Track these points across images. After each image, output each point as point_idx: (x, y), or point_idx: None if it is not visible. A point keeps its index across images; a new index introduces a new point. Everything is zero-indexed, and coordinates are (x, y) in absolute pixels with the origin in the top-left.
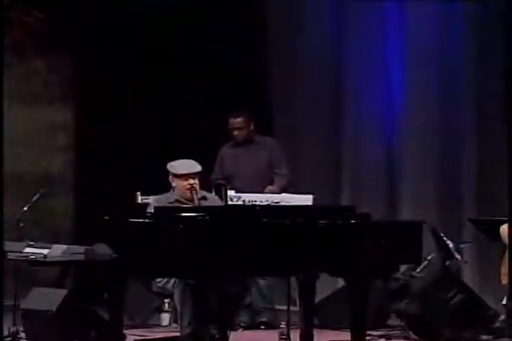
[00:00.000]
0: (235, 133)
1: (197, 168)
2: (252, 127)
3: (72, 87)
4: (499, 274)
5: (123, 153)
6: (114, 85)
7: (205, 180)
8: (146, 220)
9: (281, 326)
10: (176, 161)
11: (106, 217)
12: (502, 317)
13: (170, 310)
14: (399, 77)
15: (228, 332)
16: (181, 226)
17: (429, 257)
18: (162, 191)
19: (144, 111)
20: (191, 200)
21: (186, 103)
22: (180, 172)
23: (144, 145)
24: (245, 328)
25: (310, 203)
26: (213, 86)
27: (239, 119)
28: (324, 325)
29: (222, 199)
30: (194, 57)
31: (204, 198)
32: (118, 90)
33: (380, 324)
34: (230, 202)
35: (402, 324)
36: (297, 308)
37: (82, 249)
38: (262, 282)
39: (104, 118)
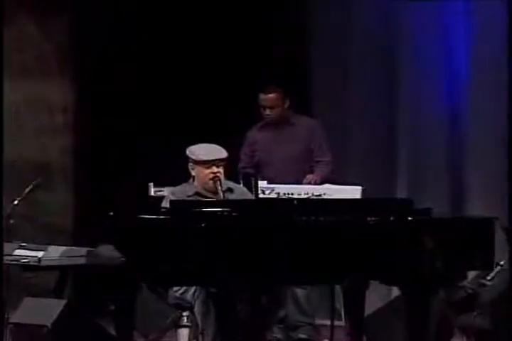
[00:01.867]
0: (266, 112)
1: (222, 153)
2: (286, 105)
3: (71, 58)
4: None
5: (132, 138)
6: (121, 56)
7: (230, 168)
8: (161, 217)
9: None
10: (197, 145)
11: (111, 213)
12: None
13: (189, 324)
14: (464, 60)
15: None
16: (203, 224)
17: (501, 262)
18: (179, 182)
19: (157, 86)
20: (214, 193)
21: (210, 75)
22: (202, 158)
23: (157, 127)
24: None
25: (358, 196)
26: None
27: (271, 95)
28: None
29: (251, 192)
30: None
31: (230, 190)
32: (125, 62)
33: None
34: (261, 195)
35: None
36: (342, 323)
37: (83, 251)
38: (299, 291)
39: (109, 95)
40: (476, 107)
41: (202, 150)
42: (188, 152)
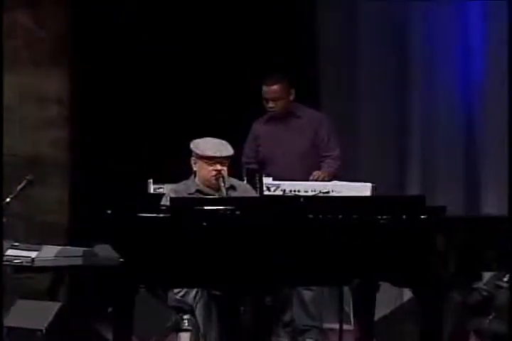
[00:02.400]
0: (270, 104)
1: (228, 151)
2: (292, 97)
3: (65, 46)
4: None
5: (131, 131)
6: (119, 46)
7: (233, 165)
8: (161, 215)
9: None
10: (203, 139)
11: (109, 211)
12: None
13: (190, 328)
14: (482, 60)
15: None
16: (205, 223)
17: None
18: (180, 179)
19: (157, 79)
20: (217, 190)
21: (212, 67)
22: (207, 153)
23: (157, 120)
24: None
25: (368, 194)
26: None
27: (275, 87)
28: None
29: (256, 189)
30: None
31: (233, 188)
32: (123, 53)
33: None
34: (266, 193)
35: None
36: (351, 327)
37: (79, 251)
38: (306, 293)
39: (106, 86)
40: (493, 105)
41: (208, 146)
42: (192, 145)
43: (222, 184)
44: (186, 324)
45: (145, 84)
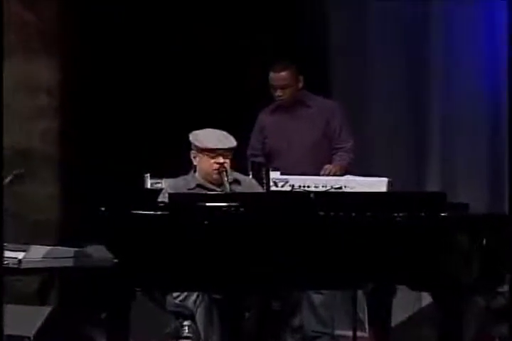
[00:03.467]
0: (277, 93)
1: (231, 142)
2: (300, 84)
3: (56, 36)
4: None
5: (126, 123)
6: (112, 34)
7: (237, 159)
8: (158, 212)
9: None
10: (203, 130)
11: (103, 208)
12: None
13: (191, 335)
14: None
15: None
16: (206, 221)
17: None
18: (179, 173)
19: (154, 65)
20: (219, 185)
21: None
22: (208, 146)
23: (154, 111)
24: None
25: (384, 189)
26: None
27: (283, 73)
28: None
29: (262, 184)
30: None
31: (237, 182)
32: (117, 40)
33: None
34: (273, 188)
35: None
36: (366, 334)
37: (70, 251)
38: (316, 297)
39: (99, 76)
40: None
41: (208, 137)
42: (191, 137)
43: (225, 178)
44: (186, 330)
45: (140, 74)
